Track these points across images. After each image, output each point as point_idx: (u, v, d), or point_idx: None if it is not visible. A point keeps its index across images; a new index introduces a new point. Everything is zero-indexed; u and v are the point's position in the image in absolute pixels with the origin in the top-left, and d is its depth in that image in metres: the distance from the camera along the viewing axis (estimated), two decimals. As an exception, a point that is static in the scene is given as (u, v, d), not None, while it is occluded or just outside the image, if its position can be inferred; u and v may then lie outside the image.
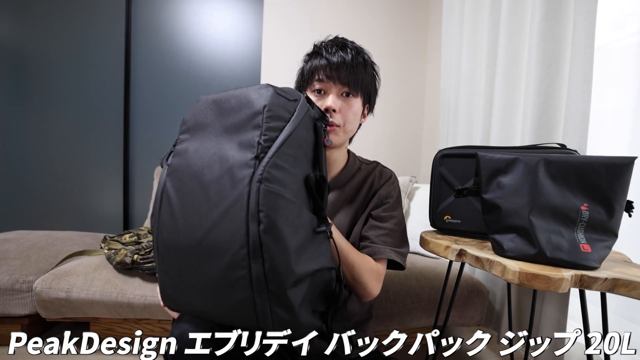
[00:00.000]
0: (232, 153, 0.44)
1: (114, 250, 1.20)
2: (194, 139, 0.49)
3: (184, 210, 0.45)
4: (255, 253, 0.41)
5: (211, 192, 0.43)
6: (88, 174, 1.94)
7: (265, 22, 1.90)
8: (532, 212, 0.64)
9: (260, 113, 0.45)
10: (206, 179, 0.44)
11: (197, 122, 0.50)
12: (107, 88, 1.91)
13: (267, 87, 0.47)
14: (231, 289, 0.43)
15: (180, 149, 0.49)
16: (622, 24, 1.09)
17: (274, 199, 0.42)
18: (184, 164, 0.47)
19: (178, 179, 0.47)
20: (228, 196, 0.42)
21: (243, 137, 0.45)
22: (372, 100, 0.77)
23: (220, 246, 0.42)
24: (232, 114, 0.47)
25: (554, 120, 1.01)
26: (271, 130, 0.45)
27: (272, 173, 0.42)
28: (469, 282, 1.16)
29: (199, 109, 0.51)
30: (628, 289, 0.56)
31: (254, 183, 0.41)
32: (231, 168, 0.43)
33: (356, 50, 0.70)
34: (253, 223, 0.41)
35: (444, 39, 1.63)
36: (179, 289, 0.47)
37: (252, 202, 0.41)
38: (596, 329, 0.67)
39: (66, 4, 1.88)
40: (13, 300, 1.12)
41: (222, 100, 0.49)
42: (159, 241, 0.48)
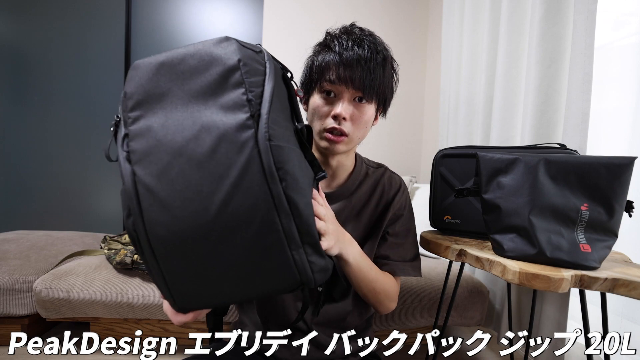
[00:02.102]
0: (218, 118, 0.39)
1: (114, 250, 1.20)
2: (153, 113, 0.41)
3: (179, 195, 0.38)
4: (284, 212, 0.39)
5: (211, 166, 0.38)
6: (88, 174, 1.94)
7: (265, 22, 1.90)
8: (532, 212, 0.64)
9: (236, 69, 0.40)
10: (197, 154, 0.38)
11: (148, 93, 0.42)
12: (107, 88, 1.91)
13: (227, 39, 0.42)
14: (265, 256, 0.40)
15: (139, 129, 0.41)
16: (622, 24, 1.09)
17: (288, 153, 0.40)
18: (154, 144, 0.40)
19: (154, 163, 0.39)
20: (235, 164, 0.38)
21: (224, 99, 0.40)
22: (387, 105, 0.69)
23: (243, 217, 0.38)
24: (196, 76, 0.41)
25: (554, 120, 1.01)
26: (254, 85, 0.40)
27: (274, 128, 0.40)
28: (469, 282, 1.16)
29: (143, 76, 0.43)
30: (628, 289, 0.56)
31: (261, 142, 0.38)
32: (225, 134, 0.38)
33: (375, 47, 0.60)
34: (275, 183, 0.38)
35: (444, 39, 1.63)
36: (197, 282, 0.42)
37: (266, 162, 0.38)
38: (596, 329, 0.67)
39: (66, 4, 1.88)
40: (13, 300, 1.12)
41: (174, 62, 0.42)
42: (152, 242, 0.40)
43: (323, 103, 0.62)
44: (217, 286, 0.42)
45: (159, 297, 1.09)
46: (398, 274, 0.72)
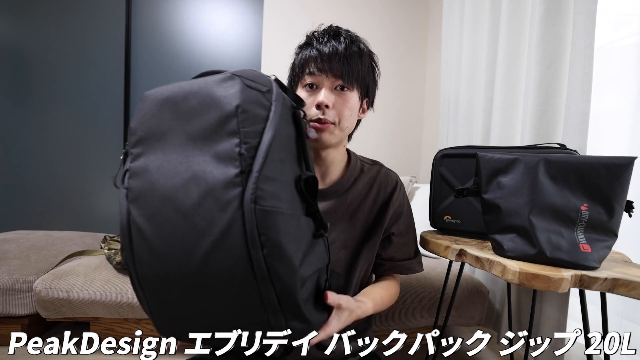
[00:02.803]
0: (209, 169, 0.37)
1: (114, 250, 1.20)
2: (152, 153, 0.40)
3: (165, 242, 0.38)
4: (263, 278, 0.37)
5: (195, 219, 0.37)
6: (88, 174, 1.94)
7: (265, 22, 1.90)
8: (532, 212, 0.64)
9: (233, 116, 0.38)
10: (184, 205, 0.37)
11: (150, 130, 0.41)
12: (107, 88, 1.91)
13: (232, 77, 0.40)
14: (243, 314, 0.40)
15: (138, 168, 0.41)
16: (622, 24, 1.09)
17: (273, 218, 0.37)
18: (148, 186, 0.39)
19: (146, 205, 0.39)
20: (217, 222, 0.36)
21: (218, 148, 0.38)
22: (371, 94, 0.70)
23: (221, 276, 0.38)
24: (195, 118, 0.39)
25: (554, 120, 1.01)
26: (251, 135, 0.38)
27: (264, 189, 0.37)
28: (469, 282, 1.16)
29: (149, 111, 0.42)
30: (628, 289, 0.56)
31: (246, 204, 0.36)
32: (213, 189, 0.37)
33: (350, 39, 0.63)
34: (255, 249, 0.36)
35: (444, 39, 1.63)
36: (178, 317, 0.43)
37: (249, 227, 0.36)
38: (596, 329, 0.67)
39: (66, 4, 1.88)
40: (13, 300, 1.12)
41: (177, 100, 0.40)
42: (140, 278, 0.41)
43: (306, 96, 0.63)
44: (196, 323, 0.43)
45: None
46: (405, 272, 0.73)
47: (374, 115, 0.77)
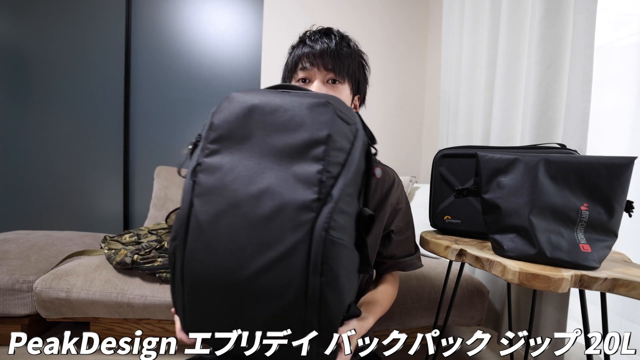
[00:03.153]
0: (286, 187, 0.38)
1: (114, 250, 1.20)
2: (229, 154, 0.41)
3: (223, 245, 0.39)
4: (312, 303, 0.38)
5: (262, 232, 0.37)
6: (88, 174, 1.94)
7: (265, 22, 1.90)
8: (532, 212, 0.64)
9: (322, 143, 0.38)
10: (254, 214, 0.38)
11: (232, 131, 0.41)
12: (107, 88, 1.91)
13: (326, 105, 0.40)
14: (280, 330, 0.41)
15: (211, 164, 0.41)
16: (622, 24, 1.09)
17: (338, 250, 0.38)
18: (218, 186, 0.40)
19: (212, 204, 0.39)
20: (285, 240, 0.37)
21: (300, 169, 0.38)
22: (362, 90, 0.72)
23: (271, 292, 0.38)
24: (282, 133, 0.40)
25: (554, 120, 1.01)
26: (333, 165, 0.39)
27: (336, 220, 0.38)
28: (469, 282, 1.16)
29: (234, 113, 0.42)
30: (628, 289, 0.56)
31: (317, 231, 0.37)
32: (287, 207, 0.37)
33: (341, 37, 0.67)
34: (315, 275, 0.37)
35: (444, 39, 1.63)
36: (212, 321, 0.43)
37: (314, 253, 0.37)
38: (596, 329, 0.67)
39: (66, 4, 1.88)
40: (13, 300, 1.12)
41: (268, 110, 0.41)
42: (185, 271, 0.41)
43: None
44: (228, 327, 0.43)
45: (159, 297, 1.09)
46: (407, 269, 0.74)
47: (374, 115, 0.78)
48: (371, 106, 1.90)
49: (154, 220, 1.66)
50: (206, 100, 1.95)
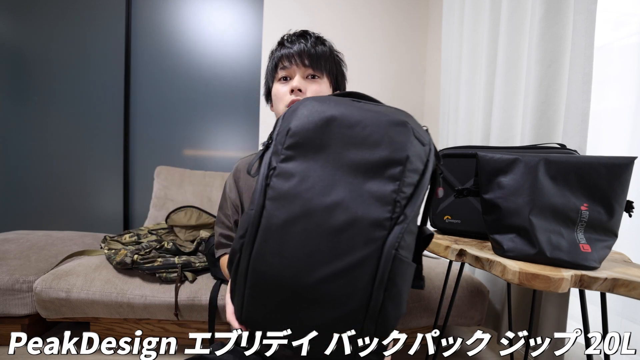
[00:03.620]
0: (360, 202, 0.39)
1: (114, 250, 1.20)
2: (305, 161, 0.42)
3: (291, 250, 0.40)
4: (372, 315, 0.39)
5: (332, 242, 0.39)
6: (88, 174, 1.94)
7: (265, 22, 1.90)
8: (532, 212, 0.64)
9: (401, 164, 0.39)
10: (326, 224, 0.39)
11: (310, 140, 0.42)
12: (107, 88, 1.91)
13: (405, 125, 0.41)
14: (333, 336, 0.41)
15: (286, 170, 0.42)
16: (622, 24, 1.09)
17: (405, 268, 0.39)
18: (293, 193, 0.41)
19: (285, 209, 0.41)
20: (355, 253, 0.38)
21: (374, 187, 0.39)
22: (340, 85, 0.76)
23: (333, 300, 0.39)
24: (361, 148, 0.40)
25: (554, 120, 1.01)
26: (408, 186, 0.40)
27: (405, 240, 0.39)
28: (469, 282, 1.16)
29: (313, 121, 0.42)
30: (628, 289, 0.56)
31: (387, 248, 0.38)
32: (360, 222, 0.39)
33: (316, 38, 0.72)
34: (379, 290, 0.38)
35: (444, 39, 1.63)
36: (267, 317, 0.44)
37: (382, 269, 0.38)
38: (596, 329, 0.67)
39: (66, 3, 1.88)
40: (13, 300, 1.12)
41: (347, 124, 0.41)
42: (250, 269, 0.43)
43: (281, 86, 0.70)
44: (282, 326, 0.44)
45: (159, 297, 1.09)
46: None
47: None
48: (371, 106, 1.89)
49: (154, 220, 1.66)
50: (206, 100, 1.95)
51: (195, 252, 1.28)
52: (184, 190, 1.71)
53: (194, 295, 1.09)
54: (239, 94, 1.94)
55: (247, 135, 1.98)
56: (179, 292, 1.09)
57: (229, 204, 0.77)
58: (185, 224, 1.47)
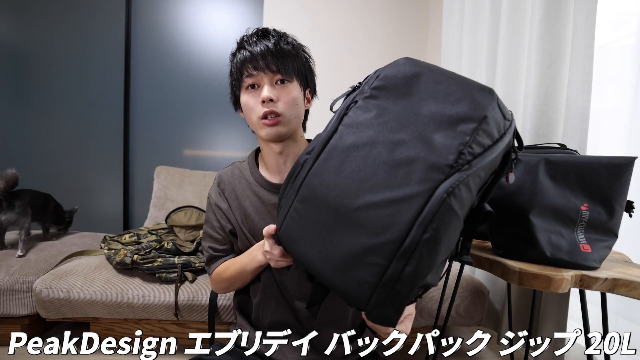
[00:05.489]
0: (426, 146, 0.40)
1: (113, 250, 1.20)
2: (385, 101, 0.45)
3: (348, 172, 0.42)
4: (404, 255, 0.38)
5: (387, 171, 0.40)
6: (88, 174, 1.94)
7: (265, 22, 1.90)
8: (532, 212, 0.64)
9: (476, 121, 0.40)
10: (387, 156, 0.41)
11: (395, 85, 0.45)
12: (107, 88, 1.91)
13: (492, 93, 0.42)
14: (359, 268, 0.41)
15: (367, 105, 0.45)
16: (622, 24, 1.09)
17: (451, 217, 0.38)
18: (366, 123, 0.44)
19: (353, 135, 0.44)
20: (406, 188, 0.39)
21: (442, 136, 0.40)
22: (311, 83, 0.71)
23: (372, 227, 0.40)
24: (442, 101, 0.42)
25: (554, 120, 1.01)
26: (477, 145, 0.40)
27: (461, 190, 0.38)
28: (469, 282, 1.16)
29: (403, 72, 0.45)
30: (628, 289, 0.56)
31: (439, 191, 0.38)
32: (420, 162, 0.39)
33: (278, 36, 0.66)
34: (419, 228, 0.37)
35: (444, 39, 1.63)
36: (306, 237, 0.46)
37: (428, 209, 0.37)
38: (596, 329, 0.67)
39: (66, 4, 1.88)
40: (13, 300, 1.12)
41: (435, 79, 0.43)
42: (305, 181, 0.46)
43: (250, 96, 0.65)
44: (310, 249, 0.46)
45: (158, 297, 1.09)
46: None
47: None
48: (371, 106, 1.90)
49: (154, 220, 1.66)
50: (206, 100, 1.95)
51: (195, 252, 1.28)
52: (184, 190, 1.71)
53: (194, 296, 1.09)
54: (239, 94, 1.93)
55: (247, 135, 1.98)
56: (179, 292, 1.08)
57: (219, 215, 0.73)
58: (185, 224, 1.47)
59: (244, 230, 0.70)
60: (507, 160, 0.45)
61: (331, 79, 1.42)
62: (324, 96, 0.77)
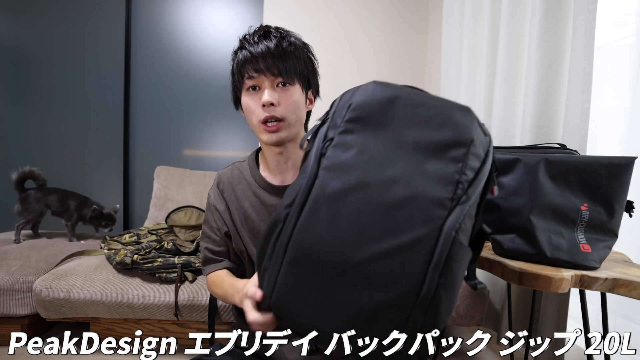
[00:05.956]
0: (422, 180, 0.37)
1: (113, 250, 1.20)
2: (364, 134, 0.40)
3: (342, 222, 0.38)
4: (422, 303, 0.36)
5: (389, 218, 0.37)
6: (88, 174, 1.94)
7: (265, 22, 1.90)
8: (532, 212, 0.64)
9: (465, 145, 0.38)
10: (382, 198, 0.37)
11: (372, 114, 0.41)
12: (107, 88, 1.91)
13: (469, 111, 0.40)
14: (374, 324, 0.38)
15: (345, 142, 0.41)
16: (622, 24, 1.09)
17: (463, 253, 0.37)
18: (350, 163, 0.39)
19: (340, 179, 0.39)
20: (411, 231, 0.36)
21: (436, 166, 0.38)
22: (313, 84, 0.70)
23: (383, 281, 0.36)
24: (425, 128, 0.39)
25: (553, 120, 1.01)
26: (470, 169, 0.38)
27: (466, 223, 0.37)
28: (469, 282, 1.16)
29: (377, 98, 0.41)
30: (628, 289, 0.56)
31: (447, 229, 0.35)
32: (420, 199, 0.36)
33: (280, 35, 0.64)
34: (434, 273, 0.35)
35: (444, 39, 1.63)
36: (305, 301, 0.40)
37: (439, 251, 0.35)
38: (596, 329, 0.67)
39: (66, 4, 1.88)
40: (13, 300, 1.12)
41: (412, 103, 0.41)
42: (292, 239, 0.40)
43: (251, 99, 0.64)
44: (311, 313, 0.41)
45: (158, 297, 1.09)
46: None
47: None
48: (371, 106, 1.90)
49: (154, 220, 1.66)
50: (206, 100, 1.95)
51: (195, 252, 1.28)
52: (184, 190, 1.71)
53: (194, 296, 1.09)
54: (239, 94, 1.94)
55: (247, 135, 1.98)
56: (179, 292, 1.09)
57: (216, 216, 0.72)
58: (185, 224, 1.47)
59: (241, 231, 0.70)
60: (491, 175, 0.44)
61: (331, 79, 1.42)
62: (323, 96, 0.77)
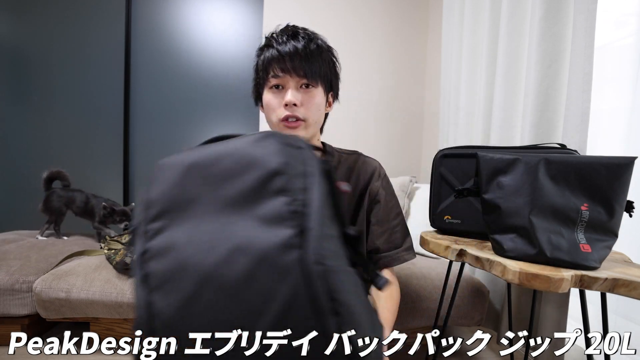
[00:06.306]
0: (255, 234, 0.32)
1: (114, 250, 1.20)
2: (178, 225, 0.34)
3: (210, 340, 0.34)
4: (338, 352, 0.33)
5: (247, 297, 0.31)
6: (88, 174, 1.94)
7: (265, 22, 1.90)
8: (532, 212, 0.64)
9: (279, 173, 0.33)
10: (230, 280, 0.31)
11: (174, 200, 0.35)
12: (107, 88, 1.91)
13: (267, 136, 0.36)
14: None
15: (160, 246, 0.34)
16: (622, 24, 1.09)
17: (340, 279, 0.32)
18: (177, 267, 0.32)
19: (175, 292, 0.32)
20: (276, 295, 0.31)
21: (263, 209, 0.33)
22: (334, 87, 0.71)
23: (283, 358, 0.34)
24: (231, 180, 0.34)
25: (553, 120, 1.01)
26: (299, 192, 0.33)
27: (324, 247, 0.32)
28: (469, 282, 1.16)
29: (170, 180, 0.36)
30: (628, 289, 0.56)
31: (310, 266, 0.30)
32: (265, 256, 0.31)
33: (308, 37, 0.65)
34: (330, 319, 0.31)
35: (444, 39, 1.63)
36: None
37: (317, 293, 0.31)
38: (596, 329, 0.67)
39: (66, 4, 1.88)
40: (13, 300, 1.12)
41: (206, 164, 0.35)
42: None
43: (273, 96, 0.65)
44: None
45: None
46: (393, 264, 0.72)
47: (374, 115, 0.78)
48: (371, 106, 1.90)
49: (154, 220, 1.66)
50: (206, 100, 1.95)
51: (195, 252, 1.28)
52: (184, 190, 1.71)
53: (194, 295, 1.09)
54: (239, 94, 1.94)
55: (247, 135, 1.98)
56: (179, 292, 1.08)
57: None
58: (185, 224, 1.47)
59: None
60: (329, 174, 0.40)
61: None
62: (323, 96, 0.77)
